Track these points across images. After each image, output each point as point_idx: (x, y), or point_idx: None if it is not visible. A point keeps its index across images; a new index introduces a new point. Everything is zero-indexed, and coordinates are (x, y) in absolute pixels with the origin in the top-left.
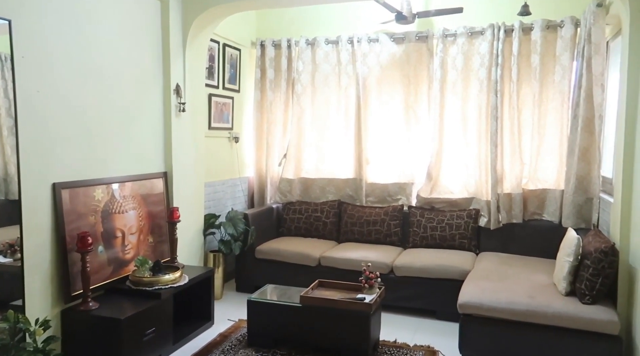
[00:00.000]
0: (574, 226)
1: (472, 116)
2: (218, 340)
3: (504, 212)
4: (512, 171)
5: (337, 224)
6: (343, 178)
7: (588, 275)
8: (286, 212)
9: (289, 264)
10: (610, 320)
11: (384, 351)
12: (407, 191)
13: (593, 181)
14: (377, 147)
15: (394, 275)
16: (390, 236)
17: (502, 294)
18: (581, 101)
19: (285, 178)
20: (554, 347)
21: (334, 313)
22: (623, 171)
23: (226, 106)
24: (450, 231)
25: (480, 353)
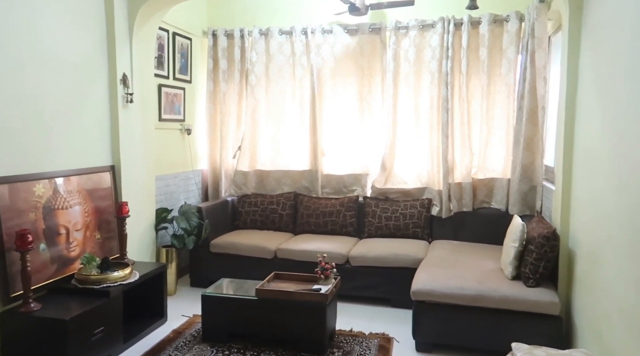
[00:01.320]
0: (519, 213)
1: (424, 108)
2: (171, 337)
3: (454, 201)
4: (462, 161)
5: (293, 216)
6: (299, 170)
7: (532, 259)
8: (241, 205)
9: (245, 258)
10: (551, 301)
11: (340, 340)
12: (362, 182)
13: (537, 170)
14: (332, 138)
15: (350, 265)
16: (346, 226)
17: (453, 280)
18: (526, 93)
19: (240, 171)
20: (501, 329)
21: (290, 304)
22: (563, 160)
23: (177, 97)
24: (404, 221)
25: (432, 338)
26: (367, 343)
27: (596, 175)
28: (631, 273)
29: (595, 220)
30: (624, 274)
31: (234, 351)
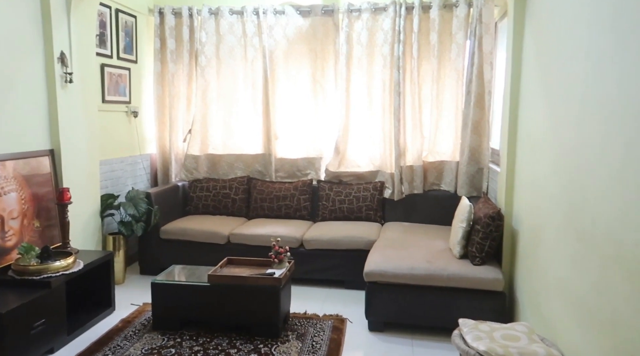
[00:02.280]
0: (467, 195)
1: (376, 92)
2: (120, 326)
3: (406, 183)
4: (413, 145)
5: (247, 200)
6: (252, 154)
7: (478, 239)
8: (193, 190)
9: (197, 244)
10: (495, 278)
11: (295, 323)
12: (316, 165)
13: (483, 153)
14: (285, 122)
15: (304, 249)
16: (300, 210)
17: (404, 261)
18: (473, 77)
19: (191, 155)
20: (449, 306)
21: (244, 289)
22: (508, 143)
23: (122, 78)
24: (358, 204)
25: (384, 317)
26: (321, 324)
27: (537, 158)
28: (567, 250)
29: (536, 200)
30: (560, 251)
31: (186, 338)
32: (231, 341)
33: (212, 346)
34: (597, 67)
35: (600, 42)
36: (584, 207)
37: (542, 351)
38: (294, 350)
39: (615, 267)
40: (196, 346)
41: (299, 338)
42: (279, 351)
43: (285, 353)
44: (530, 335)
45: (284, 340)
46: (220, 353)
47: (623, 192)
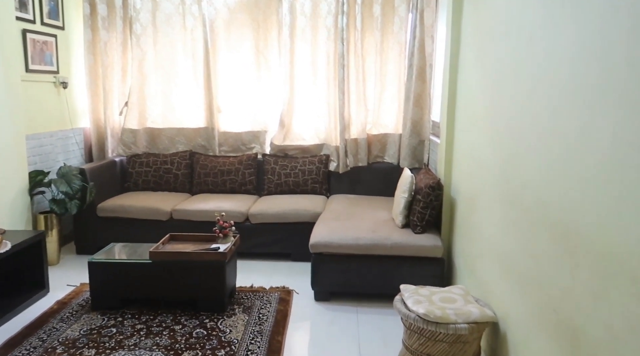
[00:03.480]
0: (409, 166)
1: (321, 64)
2: (55, 308)
3: (351, 156)
4: (357, 117)
5: (190, 175)
6: (194, 127)
7: (419, 208)
8: (131, 165)
9: (138, 221)
10: (435, 245)
11: (241, 296)
12: (261, 139)
13: (425, 125)
14: (228, 94)
15: (250, 223)
16: (245, 184)
17: (349, 232)
18: (415, 50)
19: (129, 128)
20: (392, 274)
21: (188, 265)
22: (447, 115)
23: (48, 45)
24: (303, 177)
25: (330, 287)
26: (268, 297)
27: (475, 129)
28: (500, 216)
29: (473, 170)
30: (494, 217)
31: (128, 316)
32: (176, 317)
33: (155, 323)
34: (529, 41)
35: (531, 17)
36: (515, 174)
37: (476, 311)
38: (240, 323)
39: (541, 228)
40: (139, 324)
41: (245, 311)
42: (225, 325)
43: (231, 327)
44: (465, 297)
45: (230, 314)
46: (165, 330)
47: (549, 159)
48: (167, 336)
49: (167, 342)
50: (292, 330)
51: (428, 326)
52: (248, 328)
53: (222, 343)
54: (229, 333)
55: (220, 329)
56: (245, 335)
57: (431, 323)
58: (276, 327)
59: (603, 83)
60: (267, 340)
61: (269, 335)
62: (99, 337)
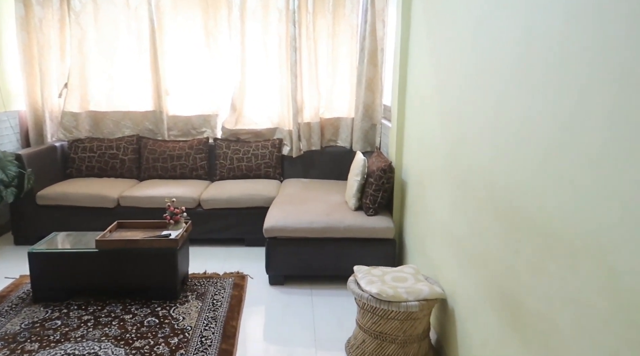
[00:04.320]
0: (362, 150)
1: (272, 46)
2: None
3: (304, 140)
4: (310, 101)
5: (138, 161)
6: (141, 111)
7: (372, 191)
8: (74, 150)
9: (82, 209)
10: (387, 226)
11: (194, 283)
12: (212, 123)
13: (376, 109)
14: (177, 76)
15: (202, 209)
16: (196, 170)
17: (303, 215)
18: (367, 34)
19: (69, 112)
20: (347, 255)
21: (137, 253)
22: (398, 99)
23: None
24: (256, 161)
25: (285, 271)
26: (222, 282)
27: (424, 112)
28: (449, 198)
29: (424, 153)
30: (442, 198)
31: (74, 308)
32: (125, 306)
33: (104, 313)
34: (477, 26)
35: (479, 2)
36: (463, 157)
37: (426, 288)
38: (194, 309)
39: (487, 208)
40: (86, 316)
41: (199, 298)
42: (178, 313)
43: (184, 314)
44: (416, 275)
45: (184, 301)
46: (114, 320)
47: (495, 142)
48: (117, 326)
49: (116, 332)
50: (247, 315)
51: (381, 305)
52: (202, 315)
53: (175, 331)
54: (182, 321)
55: (173, 317)
56: (199, 322)
57: (384, 302)
58: (231, 312)
59: (546, 69)
60: (222, 325)
61: (223, 321)
62: (42, 330)
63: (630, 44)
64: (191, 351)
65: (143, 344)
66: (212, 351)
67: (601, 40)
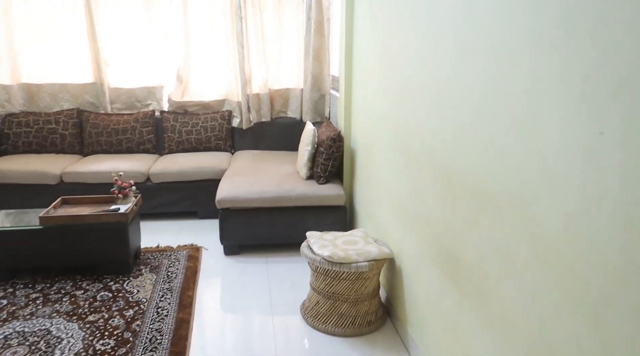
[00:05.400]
0: (312, 120)
1: (217, 15)
2: None
3: (254, 112)
4: (258, 72)
5: (79, 135)
6: (80, 83)
7: (322, 160)
8: (8, 126)
9: (21, 186)
10: (338, 194)
11: (147, 257)
12: (158, 95)
13: (325, 79)
14: (117, 46)
15: (152, 183)
16: (143, 143)
17: (255, 186)
18: (313, 4)
19: (0, 84)
20: (299, 223)
21: (85, 228)
22: (345, 69)
23: None
24: (206, 134)
25: (239, 240)
26: (176, 255)
27: (369, 82)
28: (393, 163)
29: (370, 121)
30: (388, 165)
31: (20, 287)
32: (76, 283)
33: (53, 291)
34: None
35: None
36: (404, 123)
37: (375, 250)
38: (148, 282)
39: (427, 172)
40: (34, 294)
41: (152, 271)
42: (132, 286)
43: (139, 287)
44: (365, 238)
45: (137, 275)
46: (65, 296)
47: (431, 107)
48: (68, 302)
49: (68, 308)
50: (203, 285)
51: (333, 267)
52: (157, 287)
53: (129, 303)
54: (137, 293)
55: (126, 290)
56: (155, 293)
57: (335, 263)
58: (186, 283)
59: (472, 36)
60: (178, 296)
61: (179, 291)
62: None
63: (536, 17)
64: (147, 321)
65: (97, 318)
66: (169, 321)
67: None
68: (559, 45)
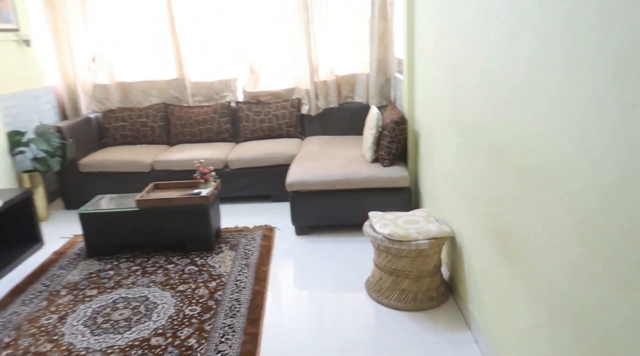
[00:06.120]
0: (377, 104)
1: (285, 7)
2: (54, 258)
3: (322, 98)
4: (325, 60)
5: (166, 127)
6: (165, 80)
7: (386, 143)
8: (107, 121)
9: (120, 174)
10: (402, 176)
11: (227, 236)
12: (232, 87)
13: (389, 63)
14: (195, 44)
15: (229, 169)
16: (221, 133)
17: (322, 170)
18: None
19: (100, 84)
20: (364, 205)
21: (173, 210)
22: (407, 51)
23: (4, 2)
24: (277, 122)
25: (309, 221)
26: (252, 235)
27: (428, 63)
28: (451, 144)
29: (429, 102)
30: (448, 145)
31: (123, 261)
32: (167, 258)
33: (149, 264)
34: None
35: None
36: (461, 104)
37: (435, 228)
38: (228, 258)
39: (480, 151)
40: (134, 266)
41: (232, 249)
42: (214, 261)
43: (220, 262)
44: (427, 218)
45: (218, 252)
46: (159, 269)
47: (483, 89)
48: (162, 274)
49: (162, 279)
50: (276, 261)
51: (393, 245)
52: (235, 262)
53: (212, 276)
54: (219, 268)
55: (210, 265)
56: (234, 268)
57: (395, 241)
58: (261, 259)
59: (520, 21)
60: (254, 270)
61: (255, 267)
62: (98, 279)
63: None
64: (228, 292)
65: (186, 288)
66: (246, 292)
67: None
68: (595, 23)
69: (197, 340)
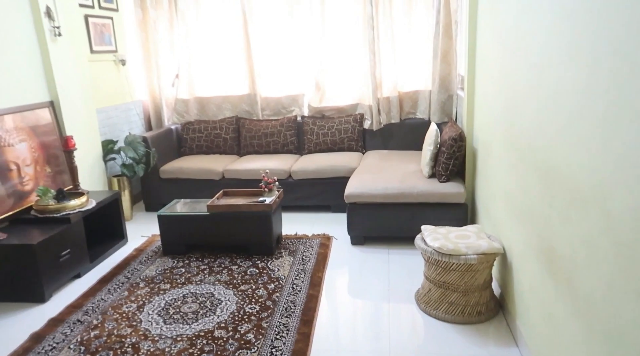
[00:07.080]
0: (439, 121)
1: (350, 26)
2: (135, 254)
3: (384, 114)
4: (388, 76)
5: (237, 139)
6: (238, 95)
7: (444, 159)
8: (185, 132)
9: (194, 181)
10: (458, 192)
11: (287, 242)
12: (299, 102)
13: (452, 80)
14: (267, 62)
15: (292, 179)
16: (287, 145)
17: (379, 183)
18: (441, 7)
19: (181, 99)
20: (419, 219)
21: (239, 216)
22: (468, 69)
23: (106, 27)
24: (340, 136)
25: (364, 232)
26: (310, 242)
27: (487, 81)
28: (505, 161)
29: (487, 119)
30: (502, 162)
31: (193, 260)
32: (232, 259)
33: (216, 264)
34: None
35: None
36: (515, 122)
37: (485, 244)
38: (286, 263)
39: (532, 169)
40: (202, 266)
41: (290, 254)
42: (274, 265)
43: (279, 266)
44: (478, 234)
45: (278, 257)
46: (224, 269)
47: (536, 108)
48: (226, 274)
49: (226, 278)
50: (331, 268)
51: (442, 258)
52: (293, 267)
53: (271, 279)
54: (277, 271)
55: (269, 268)
56: (291, 273)
57: (445, 254)
58: (317, 266)
59: (575, 43)
60: (310, 275)
61: (311, 272)
62: (171, 275)
63: None
64: (284, 294)
65: (247, 288)
66: (301, 295)
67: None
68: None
69: (254, 335)
